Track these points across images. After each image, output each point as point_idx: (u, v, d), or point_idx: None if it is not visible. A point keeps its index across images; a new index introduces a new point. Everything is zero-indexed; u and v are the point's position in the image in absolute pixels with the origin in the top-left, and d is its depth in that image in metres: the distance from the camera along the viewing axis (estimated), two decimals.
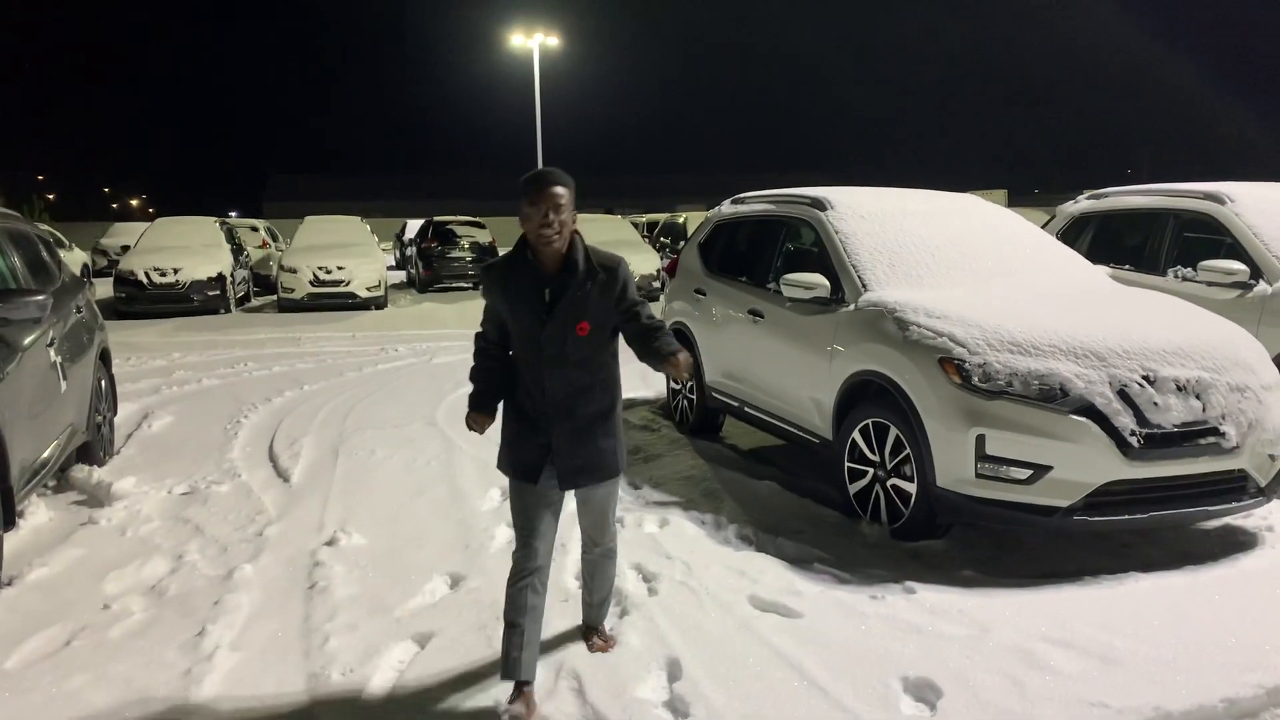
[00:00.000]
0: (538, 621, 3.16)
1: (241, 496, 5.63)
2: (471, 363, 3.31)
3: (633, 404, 8.11)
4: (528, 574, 3.13)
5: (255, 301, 19.17)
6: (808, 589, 4.09)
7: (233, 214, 48.20)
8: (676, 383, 7.42)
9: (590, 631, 3.66)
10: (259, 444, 6.97)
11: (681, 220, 25.09)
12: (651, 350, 3.09)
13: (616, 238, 19.81)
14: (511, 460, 3.20)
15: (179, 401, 8.61)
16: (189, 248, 17.11)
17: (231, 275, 17.19)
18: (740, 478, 5.81)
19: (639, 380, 8.57)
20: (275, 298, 17.72)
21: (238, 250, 18.64)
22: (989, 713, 3.08)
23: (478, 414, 3.18)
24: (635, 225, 24.35)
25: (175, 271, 16.37)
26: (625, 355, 3.23)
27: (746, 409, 6.33)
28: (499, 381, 3.23)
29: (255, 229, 23.54)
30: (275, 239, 24.26)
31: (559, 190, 3.00)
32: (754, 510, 5.22)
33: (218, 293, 16.64)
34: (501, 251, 22.79)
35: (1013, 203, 53.88)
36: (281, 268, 17.46)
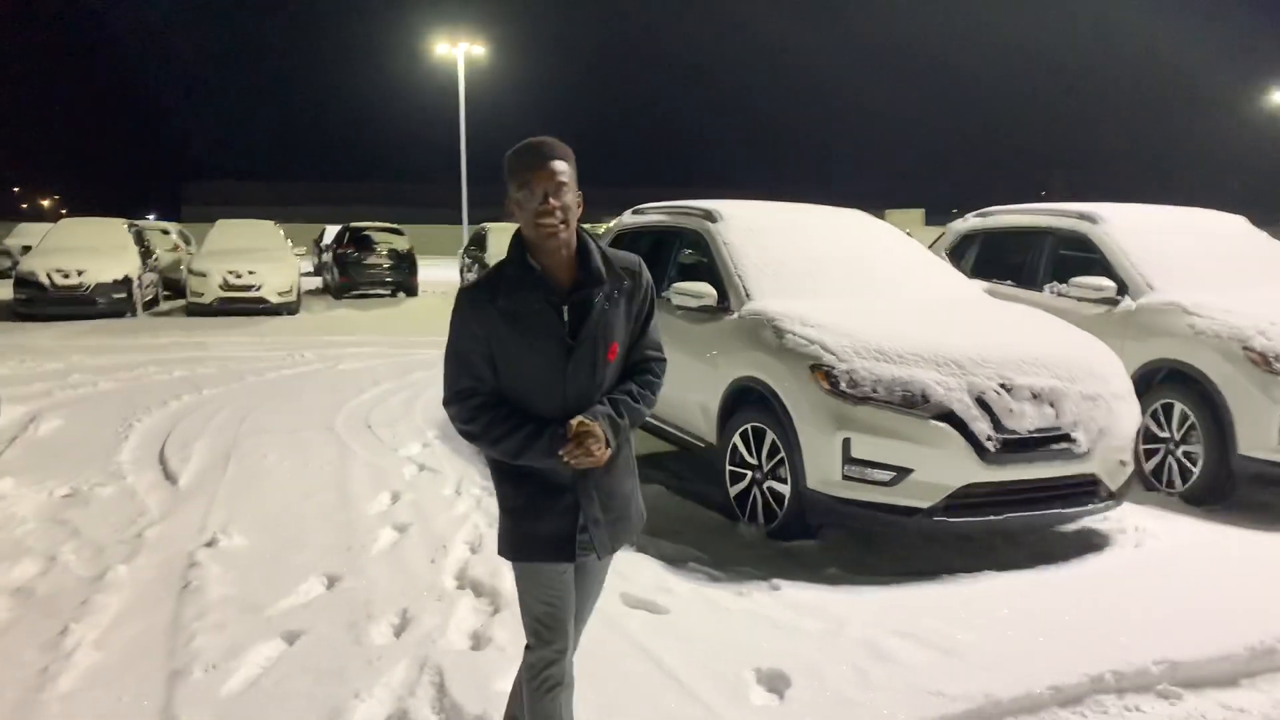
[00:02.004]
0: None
1: (125, 499, 5.57)
2: (482, 428, 2.34)
3: None
4: (559, 677, 2.46)
5: (164, 306, 18.78)
6: (679, 586, 4.21)
7: (150, 217, 47.08)
8: None
9: None
10: (150, 447, 6.87)
11: (601, 231, 25.27)
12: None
13: None
14: (534, 536, 2.39)
15: (71, 405, 8.44)
16: (94, 249, 16.67)
17: (139, 278, 16.81)
18: None
19: None
20: (184, 302, 17.40)
21: (146, 253, 18.24)
22: (833, 701, 3.22)
23: (563, 435, 2.27)
24: None
25: (79, 273, 15.95)
26: None
27: None
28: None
29: (166, 232, 23.06)
30: (188, 242, 23.79)
31: (557, 165, 2.26)
32: None
33: (124, 296, 16.26)
34: (422, 261, 22.72)
35: (930, 221, 55.23)
36: (190, 271, 17.17)
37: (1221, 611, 3.90)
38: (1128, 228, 6.76)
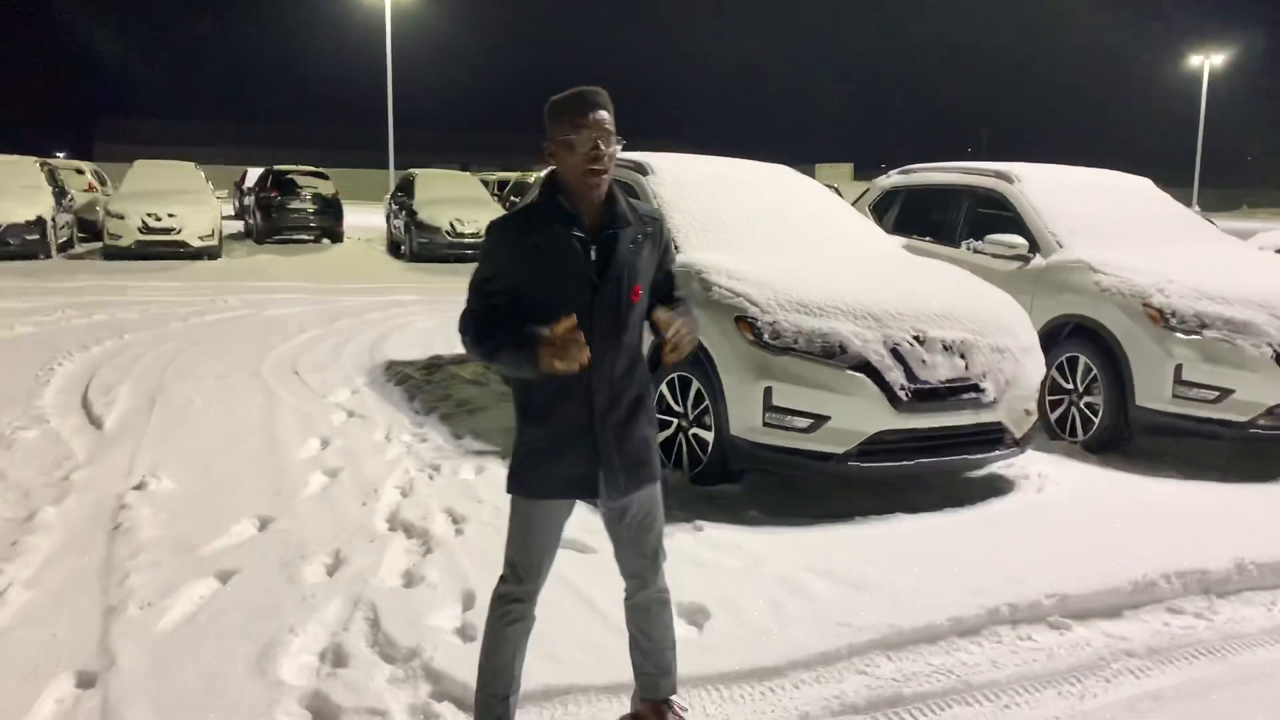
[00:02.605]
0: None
1: (49, 442, 5.54)
2: (477, 330, 2.42)
3: (465, 359, 8.23)
4: (520, 614, 2.60)
5: (80, 248, 18.28)
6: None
7: (59, 155, 45.26)
8: None
9: (658, 709, 2.80)
10: (72, 391, 6.81)
11: (534, 179, 25.09)
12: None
13: (466, 194, 19.76)
14: (554, 475, 2.49)
15: None
16: (4, 189, 16.13)
17: (53, 219, 16.33)
18: None
19: None
20: (101, 244, 16.96)
21: (60, 193, 17.70)
22: (748, 631, 3.42)
23: (545, 337, 2.26)
24: (485, 183, 24.24)
25: None
26: None
27: None
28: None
29: (81, 171, 22.31)
30: (103, 183, 23.06)
31: (605, 115, 2.39)
32: None
33: (37, 237, 15.83)
34: (347, 206, 22.33)
35: (859, 175, 55.91)
36: (108, 213, 16.73)
37: (1110, 549, 4.18)
38: (1043, 187, 7.02)
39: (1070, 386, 6.17)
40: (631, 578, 2.73)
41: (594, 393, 2.46)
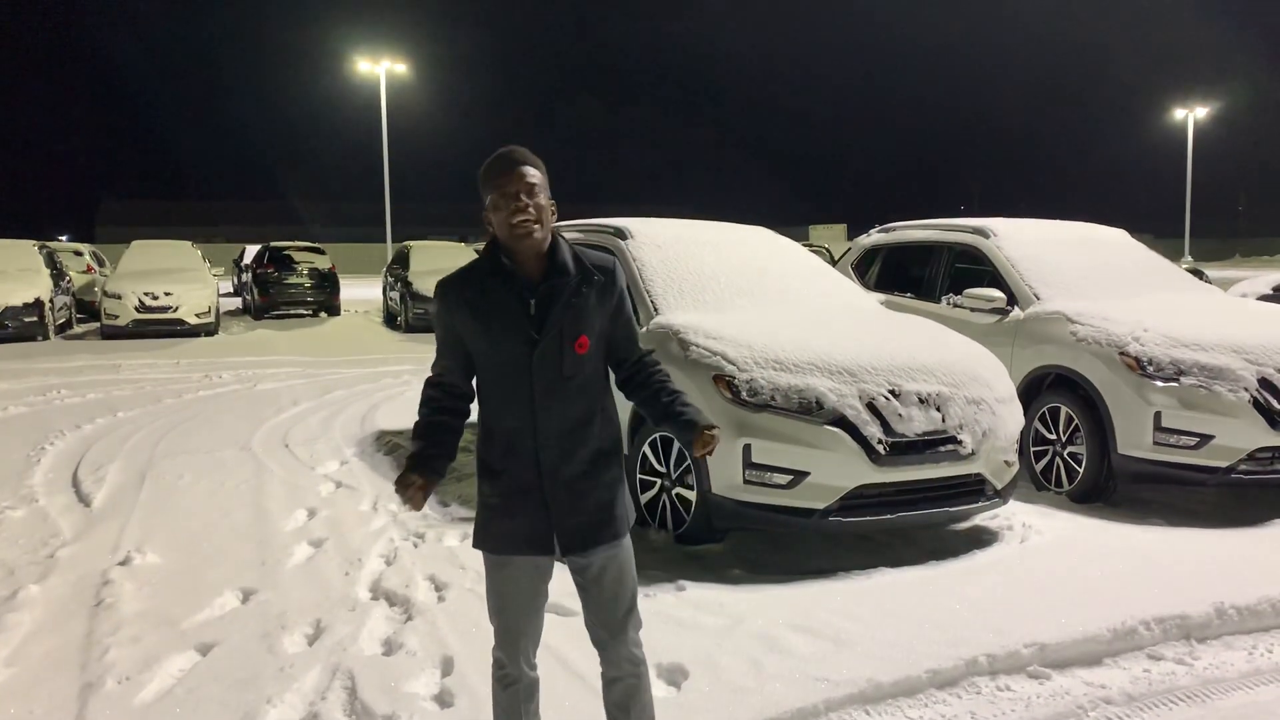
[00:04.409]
0: None
1: (37, 521, 5.56)
2: (418, 416, 2.60)
3: None
4: (514, 677, 2.61)
5: (78, 329, 18.43)
6: None
7: (62, 238, 45.85)
8: None
9: None
10: (63, 470, 6.83)
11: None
12: (672, 413, 2.58)
13: (457, 264, 19.87)
14: (511, 531, 2.49)
15: None
16: (2, 272, 16.34)
17: (50, 301, 16.50)
18: None
19: None
20: (99, 325, 17.12)
21: (58, 275, 17.90)
22: (726, 690, 3.42)
23: (415, 476, 2.43)
24: (478, 253, 24.43)
25: None
26: None
27: None
28: (452, 441, 2.57)
29: (79, 253, 22.58)
30: (102, 264, 23.31)
31: (528, 169, 2.43)
32: None
33: (35, 319, 15.96)
34: (345, 280, 22.57)
35: (853, 236, 56.43)
36: (105, 293, 16.90)
37: (1090, 597, 4.19)
38: (1016, 241, 7.13)
39: (1053, 437, 6.20)
40: (600, 647, 2.64)
41: (540, 449, 2.44)
